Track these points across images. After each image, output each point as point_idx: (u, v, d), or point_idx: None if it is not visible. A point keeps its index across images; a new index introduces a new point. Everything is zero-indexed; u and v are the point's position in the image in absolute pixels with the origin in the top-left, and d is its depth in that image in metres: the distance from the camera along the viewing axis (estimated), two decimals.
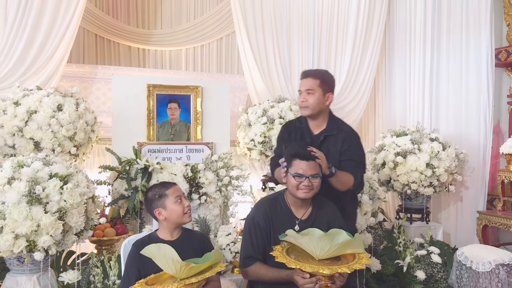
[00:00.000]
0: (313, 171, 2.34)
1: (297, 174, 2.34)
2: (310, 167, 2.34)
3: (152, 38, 6.19)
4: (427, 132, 4.33)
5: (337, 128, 2.74)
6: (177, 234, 2.18)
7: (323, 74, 2.69)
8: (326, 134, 2.69)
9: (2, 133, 3.40)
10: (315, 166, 2.36)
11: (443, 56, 4.83)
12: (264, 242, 2.37)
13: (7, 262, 2.53)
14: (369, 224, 3.42)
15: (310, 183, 2.33)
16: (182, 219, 2.17)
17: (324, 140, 2.68)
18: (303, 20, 5.07)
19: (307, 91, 2.62)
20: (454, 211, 4.76)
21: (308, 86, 2.63)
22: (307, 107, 2.64)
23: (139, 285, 1.95)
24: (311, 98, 2.62)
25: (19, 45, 3.92)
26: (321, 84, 2.63)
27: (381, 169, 4.24)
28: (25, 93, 3.54)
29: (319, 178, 2.37)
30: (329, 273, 2.04)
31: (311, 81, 2.62)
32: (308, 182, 2.33)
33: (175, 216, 2.16)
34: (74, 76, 4.81)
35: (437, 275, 3.59)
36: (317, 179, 2.36)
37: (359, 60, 5.12)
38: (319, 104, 2.65)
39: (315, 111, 2.66)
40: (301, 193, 2.35)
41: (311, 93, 2.61)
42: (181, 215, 2.16)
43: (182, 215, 2.16)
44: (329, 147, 2.67)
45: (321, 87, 2.63)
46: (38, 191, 2.32)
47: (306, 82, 2.64)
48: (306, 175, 2.32)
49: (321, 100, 2.65)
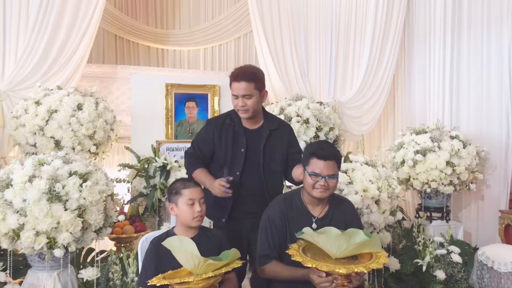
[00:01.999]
0: (330, 171, 2.30)
1: (314, 173, 2.31)
2: (328, 167, 2.30)
3: (170, 38, 6.25)
4: (447, 130, 4.26)
5: (278, 123, 2.69)
6: (193, 232, 2.19)
7: (255, 75, 2.55)
8: (271, 129, 2.62)
9: (24, 132, 3.48)
10: (333, 166, 2.31)
11: (464, 51, 4.74)
12: (280, 240, 2.36)
13: (28, 258, 2.58)
14: (388, 223, 3.38)
15: (327, 183, 2.31)
16: (190, 222, 2.16)
17: (269, 136, 2.61)
18: (321, 17, 5.04)
19: (244, 96, 2.51)
20: (475, 210, 4.67)
21: (244, 91, 2.50)
22: (247, 110, 2.54)
23: (157, 279, 1.97)
24: (250, 101, 2.52)
25: (40, 46, 4.00)
26: (256, 86, 2.53)
27: (400, 167, 4.18)
28: (46, 93, 3.61)
29: (336, 179, 2.34)
30: (346, 272, 2.02)
31: (246, 86, 2.50)
32: (324, 182, 2.30)
33: (184, 217, 2.17)
34: (94, 76, 4.89)
35: (457, 275, 3.53)
36: (334, 179, 2.33)
37: (378, 56, 5.07)
38: (258, 104, 2.58)
39: (255, 112, 2.59)
40: (317, 193, 2.33)
41: (249, 97, 2.52)
42: (189, 218, 2.15)
43: (190, 219, 2.15)
44: (275, 142, 2.62)
45: (257, 88, 2.53)
46: (58, 189, 2.35)
47: (240, 86, 2.50)
48: (322, 175, 2.30)
49: (259, 101, 2.58)
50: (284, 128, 2.69)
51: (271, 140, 2.61)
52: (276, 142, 2.62)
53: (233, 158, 2.58)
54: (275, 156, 2.60)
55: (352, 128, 5.11)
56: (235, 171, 2.55)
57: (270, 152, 2.60)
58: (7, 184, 2.39)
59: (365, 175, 3.24)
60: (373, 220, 3.18)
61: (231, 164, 2.57)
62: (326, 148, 2.35)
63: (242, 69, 2.55)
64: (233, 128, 2.61)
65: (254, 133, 2.61)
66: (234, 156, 2.58)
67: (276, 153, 2.60)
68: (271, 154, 2.60)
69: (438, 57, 4.84)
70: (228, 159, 2.58)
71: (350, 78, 5.15)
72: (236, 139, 2.59)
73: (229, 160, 2.58)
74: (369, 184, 3.20)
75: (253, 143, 2.58)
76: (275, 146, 2.61)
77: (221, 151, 2.59)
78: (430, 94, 4.95)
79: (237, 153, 2.57)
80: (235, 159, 2.57)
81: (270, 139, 2.61)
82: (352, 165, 3.32)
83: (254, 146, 2.58)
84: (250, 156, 2.57)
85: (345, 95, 5.09)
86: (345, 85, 5.14)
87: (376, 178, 3.25)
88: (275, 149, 2.60)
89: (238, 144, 2.58)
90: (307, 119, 4.18)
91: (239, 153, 2.57)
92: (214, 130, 2.62)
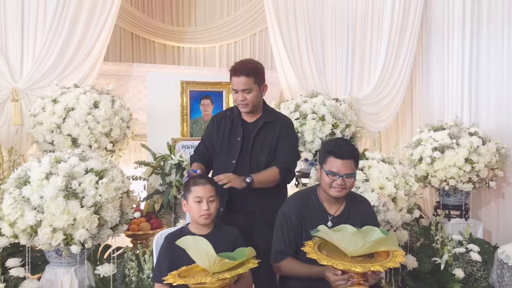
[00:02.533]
0: (348, 170, 2.27)
1: (331, 172, 2.29)
2: (345, 166, 2.27)
3: (186, 36, 6.27)
4: (466, 126, 4.19)
5: (274, 116, 2.69)
6: (207, 228, 2.19)
7: (255, 69, 2.55)
8: (265, 121, 2.63)
9: (42, 130, 3.52)
10: (351, 165, 2.28)
11: (483, 45, 4.63)
12: (296, 237, 2.35)
13: (46, 254, 2.61)
14: (405, 221, 3.34)
15: (344, 182, 2.28)
16: (197, 219, 2.16)
17: (262, 127, 2.62)
18: (337, 13, 4.99)
19: (244, 91, 2.53)
20: (496, 208, 4.58)
21: (244, 86, 2.51)
22: (247, 104, 2.56)
23: (172, 277, 1.97)
24: (250, 96, 2.53)
25: (57, 45, 4.04)
26: (256, 80, 2.53)
27: (418, 164, 4.12)
28: (63, 91, 3.65)
29: (353, 178, 2.31)
30: (362, 271, 2.00)
31: (246, 80, 2.50)
32: (341, 181, 2.28)
33: (192, 214, 2.18)
34: (110, 74, 4.92)
35: (476, 273, 3.47)
36: (352, 178, 2.30)
37: (395, 52, 5.00)
38: (258, 99, 2.60)
39: (255, 107, 2.61)
40: (334, 192, 2.31)
41: (248, 92, 2.53)
42: (196, 216, 2.16)
43: (197, 216, 2.15)
44: (266, 135, 2.62)
45: (257, 83, 2.54)
46: (75, 186, 2.37)
47: (240, 81, 2.51)
48: (340, 173, 2.27)
49: (259, 95, 2.59)
50: (279, 122, 2.67)
51: (263, 131, 2.63)
52: (267, 135, 2.63)
53: (229, 147, 2.63)
54: (264, 149, 2.60)
55: (369, 125, 5.06)
56: (231, 160, 2.59)
57: (260, 144, 2.61)
58: (25, 181, 2.42)
59: (382, 173, 3.20)
60: (389, 218, 3.14)
61: (227, 154, 2.62)
62: (344, 146, 2.32)
63: (242, 63, 2.57)
64: (232, 119, 2.66)
65: (251, 125, 2.64)
66: (230, 145, 2.63)
67: (266, 146, 2.60)
68: (261, 146, 2.61)
69: (457, 52, 4.75)
70: (224, 148, 2.63)
71: (367, 74, 5.09)
72: (233, 129, 2.64)
73: (225, 149, 2.63)
74: (386, 181, 3.16)
75: (249, 134, 2.61)
76: (266, 139, 2.62)
77: (218, 141, 2.65)
78: (448, 89, 4.86)
79: (234, 143, 2.62)
80: (231, 148, 2.62)
81: (263, 130, 2.62)
82: (368, 162, 3.28)
83: (249, 137, 2.61)
84: (245, 147, 2.60)
85: (362, 92, 5.03)
86: (361, 81, 5.08)
87: (393, 175, 3.21)
88: (265, 141, 2.61)
89: (236, 134, 2.63)
90: (323, 116, 4.14)
91: (236, 142, 2.62)
92: (215, 122, 2.71)
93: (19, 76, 3.99)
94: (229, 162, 2.60)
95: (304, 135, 4.10)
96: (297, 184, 4.38)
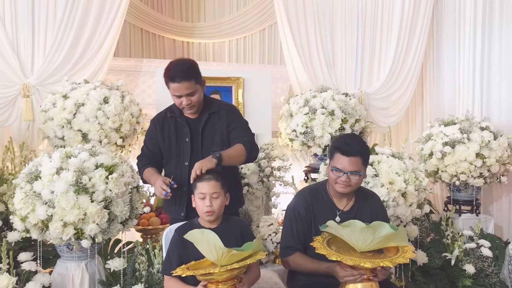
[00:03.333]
0: (353, 168, 2.25)
1: (336, 168, 2.28)
2: (351, 163, 2.25)
3: (195, 31, 6.26)
4: (477, 121, 4.15)
5: (217, 105, 2.63)
6: (216, 222, 2.19)
7: (193, 70, 2.48)
8: (210, 112, 2.58)
9: (52, 125, 3.55)
10: (357, 163, 2.26)
11: (495, 40, 4.58)
12: (305, 232, 2.35)
13: (57, 249, 2.64)
14: (415, 216, 3.32)
15: (349, 179, 2.27)
16: (202, 215, 2.16)
17: (208, 118, 2.57)
18: (347, 7, 4.96)
19: (188, 95, 2.47)
20: (507, 203, 4.54)
21: (187, 90, 2.45)
22: (193, 106, 2.51)
23: (181, 269, 1.99)
24: (195, 98, 2.48)
25: (67, 41, 4.06)
26: (196, 80, 2.48)
27: (428, 159, 4.10)
28: (73, 87, 3.67)
29: (359, 176, 2.29)
30: (371, 266, 1.99)
31: (188, 84, 2.44)
32: (346, 178, 2.27)
33: (198, 209, 2.17)
34: (120, 69, 4.94)
35: (487, 269, 3.45)
36: (357, 176, 2.28)
37: (406, 46, 4.96)
38: (202, 97, 2.55)
39: (201, 105, 2.57)
40: (339, 188, 2.31)
41: (193, 94, 2.47)
42: (201, 212, 2.15)
43: (202, 212, 2.14)
44: (215, 125, 2.58)
45: (198, 82, 2.49)
46: (85, 181, 2.39)
47: (182, 87, 2.44)
48: (345, 170, 2.26)
49: (202, 93, 2.55)
50: (224, 110, 2.62)
51: (210, 122, 2.58)
52: (215, 125, 2.58)
53: (179, 149, 2.57)
54: (216, 139, 2.54)
55: (379, 119, 5.03)
56: (183, 162, 2.54)
57: (210, 135, 2.57)
58: (36, 176, 2.44)
59: (391, 168, 3.18)
60: (399, 213, 3.13)
61: (178, 156, 2.57)
62: (352, 143, 2.29)
63: (177, 67, 2.47)
64: (174, 120, 2.59)
65: (197, 121, 2.58)
66: (179, 147, 2.57)
67: (217, 136, 2.55)
68: (212, 138, 2.56)
69: (468, 46, 4.70)
70: (174, 151, 2.58)
71: (377, 68, 5.06)
72: (179, 130, 2.58)
73: (174, 152, 2.57)
74: (396, 176, 3.14)
75: (196, 131, 2.56)
76: (215, 129, 2.57)
77: (165, 145, 2.59)
78: (459, 84, 4.81)
79: (183, 144, 2.56)
80: (181, 151, 2.57)
81: (210, 122, 2.58)
82: (378, 157, 3.27)
83: (197, 133, 2.56)
84: (195, 145, 2.55)
85: (372, 86, 5.01)
86: (371, 76, 5.05)
87: (402, 170, 3.19)
88: (215, 132, 2.56)
89: (183, 135, 2.57)
90: (332, 111, 4.12)
91: (185, 143, 2.56)
92: (156, 126, 2.62)
93: (30, 72, 4.02)
94: (181, 164, 2.55)
95: (313, 130, 4.10)
96: (307, 179, 4.38)
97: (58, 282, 2.60)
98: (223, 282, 1.96)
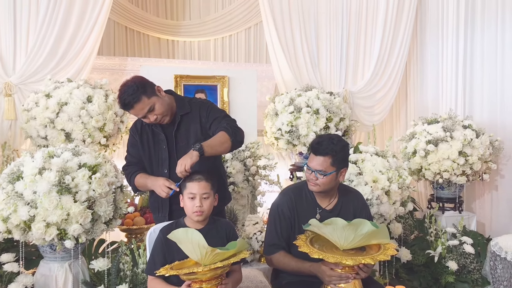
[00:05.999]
0: (319, 167, 2.26)
1: (307, 166, 2.33)
2: (318, 162, 2.27)
3: (180, 29, 6.23)
4: (459, 119, 4.20)
5: (189, 105, 2.57)
6: (203, 223, 2.19)
7: (138, 89, 2.39)
8: (182, 114, 2.53)
9: (35, 125, 3.51)
10: (324, 162, 2.26)
11: (478, 38, 4.64)
12: (288, 230, 2.36)
13: (40, 249, 2.61)
14: (399, 214, 3.35)
15: (315, 178, 2.29)
16: (190, 215, 2.14)
17: (181, 120, 2.53)
18: (331, 6, 4.98)
19: (149, 111, 2.41)
20: (489, 200, 4.61)
21: (144, 109, 2.39)
22: (163, 116, 2.46)
23: (164, 269, 1.98)
24: (158, 110, 2.42)
25: (50, 39, 4.02)
26: (148, 96, 2.40)
27: (412, 157, 4.14)
28: (56, 86, 3.64)
29: (324, 176, 2.27)
30: (353, 264, 2.01)
31: (141, 105, 2.39)
32: (314, 176, 2.29)
33: (186, 209, 2.16)
34: (104, 68, 4.90)
35: (470, 266, 3.50)
36: (322, 176, 2.27)
37: (390, 45, 5.00)
38: (167, 105, 2.47)
39: (173, 110, 2.52)
40: (309, 186, 2.34)
41: (152, 108, 2.41)
42: (189, 212, 2.13)
43: (190, 213, 2.13)
44: (188, 126, 2.53)
45: (151, 95, 2.41)
46: (68, 181, 2.37)
47: (137, 109, 2.39)
48: (312, 169, 2.29)
49: (165, 99, 2.47)
50: (196, 108, 2.56)
51: (183, 124, 2.53)
52: (189, 126, 2.54)
53: (157, 158, 2.56)
54: (191, 141, 2.49)
55: (363, 118, 5.07)
56: (163, 170, 2.52)
57: (185, 137, 2.52)
58: (18, 176, 2.41)
59: (375, 166, 3.21)
60: (383, 211, 3.16)
61: (157, 165, 2.55)
62: (324, 143, 2.29)
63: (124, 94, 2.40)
64: (151, 129, 2.57)
65: (170, 126, 2.54)
66: (158, 156, 2.55)
67: (191, 137, 2.51)
68: (187, 139, 2.52)
69: (451, 45, 4.76)
70: (154, 159, 2.56)
71: (361, 67, 5.09)
72: (156, 138, 2.56)
73: (154, 161, 2.56)
74: (379, 174, 3.17)
75: (171, 136, 2.53)
76: (189, 130, 2.53)
77: (146, 155, 2.57)
78: (443, 83, 4.87)
79: (161, 152, 2.54)
80: (160, 159, 2.55)
81: (182, 123, 2.53)
82: (361, 155, 3.29)
83: (172, 138, 2.53)
84: (171, 151, 2.53)
85: (356, 85, 5.04)
86: (356, 75, 5.08)
87: (386, 168, 3.22)
88: (188, 133, 2.52)
89: (160, 143, 2.55)
90: (317, 109, 4.14)
91: (162, 150, 2.54)
92: (136, 135, 2.60)
93: (12, 70, 3.97)
94: (161, 172, 2.52)
95: (298, 129, 4.11)
96: (292, 177, 4.39)
97: (41, 283, 2.57)
98: (207, 282, 1.96)
